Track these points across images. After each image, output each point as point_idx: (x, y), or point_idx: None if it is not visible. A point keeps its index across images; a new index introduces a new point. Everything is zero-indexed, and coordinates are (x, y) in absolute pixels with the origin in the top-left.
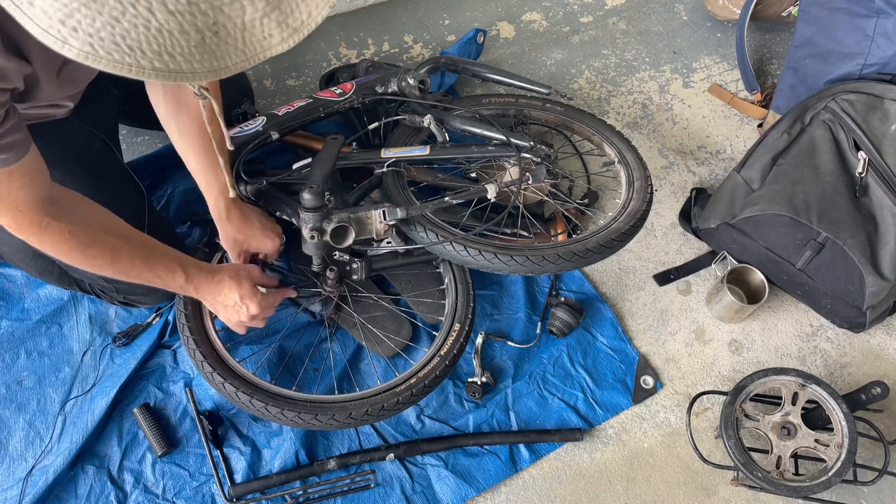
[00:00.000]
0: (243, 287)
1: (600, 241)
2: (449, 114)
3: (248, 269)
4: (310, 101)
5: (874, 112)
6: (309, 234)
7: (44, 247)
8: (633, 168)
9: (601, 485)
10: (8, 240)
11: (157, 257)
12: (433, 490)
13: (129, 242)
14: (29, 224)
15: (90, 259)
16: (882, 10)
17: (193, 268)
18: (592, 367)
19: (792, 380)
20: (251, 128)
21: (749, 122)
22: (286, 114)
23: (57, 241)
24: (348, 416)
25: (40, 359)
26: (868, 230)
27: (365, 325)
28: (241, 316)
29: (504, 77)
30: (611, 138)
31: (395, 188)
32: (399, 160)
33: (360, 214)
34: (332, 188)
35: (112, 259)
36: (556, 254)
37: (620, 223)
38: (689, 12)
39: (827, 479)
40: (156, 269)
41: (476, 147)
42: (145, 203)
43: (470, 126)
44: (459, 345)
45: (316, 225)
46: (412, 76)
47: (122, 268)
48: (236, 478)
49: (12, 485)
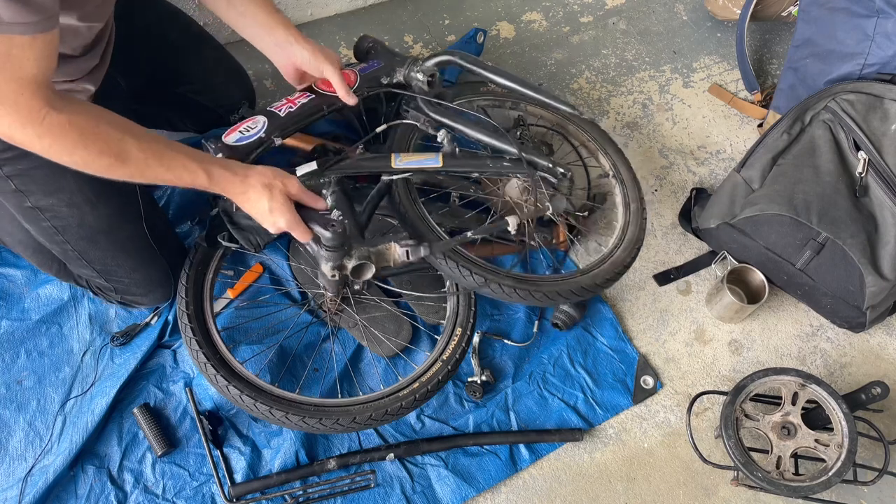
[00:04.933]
0: (275, 198)
1: (607, 275)
2: (460, 119)
3: (284, 178)
4: (311, 97)
5: (874, 112)
6: (330, 273)
7: (42, 142)
8: (628, 187)
9: (601, 485)
10: (11, 230)
11: (172, 155)
12: (433, 490)
13: (137, 137)
14: (28, 112)
15: (95, 157)
16: (882, 10)
17: (217, 167)
18: (592, 367)
19: (792, 380)
20: (253, 134)
21: (749, 122)
22: (288, 115)
23: (56, 135)
24: (352, 421)
25: (40, 359)
26: (868, 230)
27: (365, 325)
28: (268, 224)
29: (525, 89)
30: (605, 147)
31: (408, 202)
32: (409, 170)
33: (381, 248)
34: (338, 199)
35: (120, 155)
36: (569, 289)
37: (621, 253)
38: (689, 12)
39: (827, 479)
40: (174, 168)
41: (491, 161)
42: (145, 198)
43: (485, 137)
44: (461, 349)
45: (337, 263)
46: (421, 69)
47: (134, 167)
48: (236, 478)
49: (12, 485)
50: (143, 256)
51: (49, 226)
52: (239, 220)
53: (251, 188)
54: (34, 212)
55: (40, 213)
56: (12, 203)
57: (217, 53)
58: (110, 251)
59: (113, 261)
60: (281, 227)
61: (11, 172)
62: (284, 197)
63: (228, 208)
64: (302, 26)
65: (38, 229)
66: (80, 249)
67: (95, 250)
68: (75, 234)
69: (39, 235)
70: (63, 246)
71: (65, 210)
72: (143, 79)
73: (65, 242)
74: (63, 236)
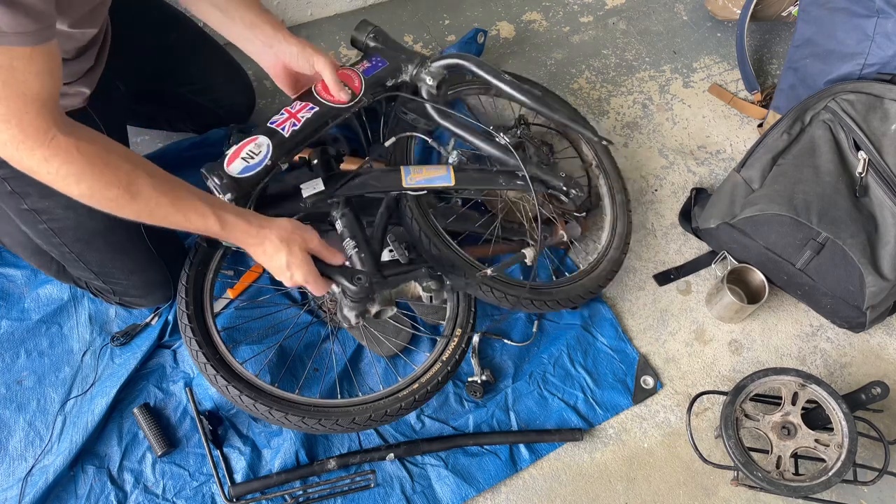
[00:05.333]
0: (293, 253)
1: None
2: (470, 132)
3: (303, 233)
4: (314, 109)
5: (874, 112)
6: (354, 320)
7: (49, 165)
8: (612, 179)
9: (601, 485)
10: (9, 232)
11: (186, 196)
12: (433, 490)
13: (150, 174)
14: (35, 131)
15: (104, 187)
16: (882, 10)
17: (232, 215)
18: (592, 367)
19: (792, 380)
20: (259, 162)
21: (749, 122)
22: (293, 134)
23: (63, 160)
24: (352, 422)
25: (40, 359)
26: (868, 230)
27: (365, 325)
28: (284, 279)
29: (542, 107)
30: (601, 158)
31: (426, 225)
32: (420, 189)
33: (402, 287)
34: (349, 224)
35: (130, 191)
36: (577, 294)
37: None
38: (689, 12)
39: (827, 479)
40: (185, 210)
41: (503, 179)
42: None
43: (495, 151)
44: (461, 350)
45: (361, 310)
46: (430, 72)
47: (144, 205)
48: (236, 478)
49: (12, 485)
50: (140, 258)
51: (46, 228)
52: None
53: (268, 241)
54: (31, 214)
55: (37, 215)
56: (9, 205)
57: (216, 54)
58: (108, 253)
59: (110, 263)
60: (297, 282)
61: (7, 174)
62: (304, 252)
63: None
64: (302, 26)
65: (36, 231)
66: (77, 252)
67: (93, 252)
68: (72, 236)
69: (37, 238)
70: (60, 248)
71: (61, 212)
72: (142, 79)
73: (62, 245)
74: (60, 238)
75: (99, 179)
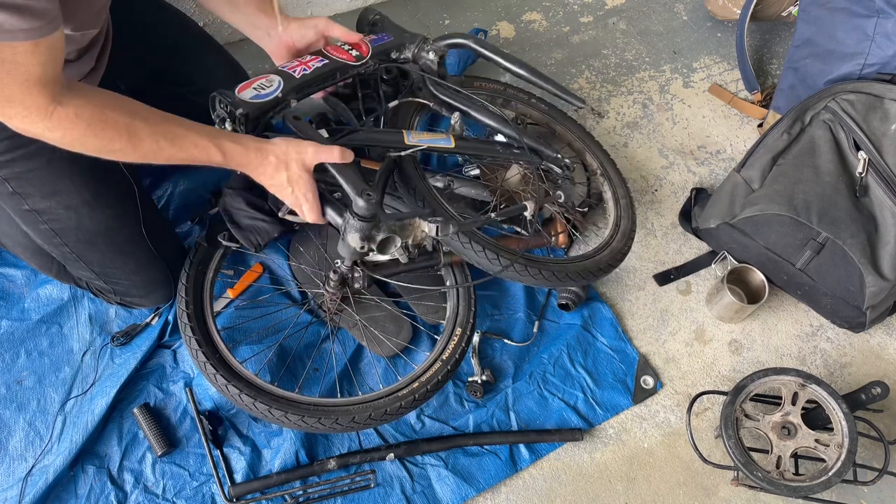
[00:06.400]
0: (291, 170)
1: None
2: (473, 105)
3: (298, 147)
4: (325, 61)
5: (874, 112)
6: (359, 245)
7: (54, 134)
8: (616, 184)
9: (601, 485)
10: (10, 233)
11: (183, 134)
12: (433, 490)
13: (146, 121)
14: (37, 109)
15: (106, 143)
16: (882, 10)
17: (230, 143)
18: (592, 367)
19: (792, 380)
20: (269, 92)
21: (749, 122)
22: (303, 77)
23: (66, 128)
24: (351, 421)
25: (40, 359)
26: (868, 230)
27: (365, 325)
28: (288, 199)
29: (535, 77)
30: (593, 149)
31: (418, 179)
32: (419, 147)
33: (406, 222)
34: None
35: (131, 140)
36: (577, 271)
37: (617, 243)
38: (689, 12)
39: (827, 479)
40: (185, 147)
41: (501, 147)
42: (144, 201)
43: (496, 124)
44: (461, 349)
45: (366, 234)
46: (432, 48)
47: (146, 150)
48: (236, 478)
49: (12, 485)
50: (141, 258)
51: (47, 228)
52: (239, 220)
53: (267, 162)
54: (32, 214)
55: (38, 215)
56: (10, 206)
57: (217, 54)
58: (109, 253)
59: (111, 263)
60: (299, 199)
61: (9, 175)
62: (301, 169)
63: (229, 207)
64: None
65: (37, 232)
66: (78, 252)
67: (94, 253)
68: (73, 236)
69: (38, 238)
70: (61, 248)
71: (62, 213)
72: (143, 80)
73: (63, 245)
74: (61, 239)
75: (101, 138)
